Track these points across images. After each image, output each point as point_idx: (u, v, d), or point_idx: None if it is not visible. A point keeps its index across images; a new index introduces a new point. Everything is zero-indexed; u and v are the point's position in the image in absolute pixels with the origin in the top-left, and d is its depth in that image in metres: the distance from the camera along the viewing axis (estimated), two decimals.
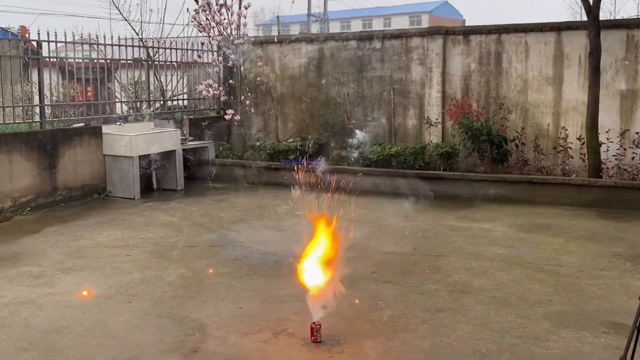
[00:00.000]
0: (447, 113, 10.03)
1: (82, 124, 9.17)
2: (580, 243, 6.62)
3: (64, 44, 9.24)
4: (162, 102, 11.17)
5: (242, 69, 11.45)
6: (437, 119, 10.17)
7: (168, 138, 9.61)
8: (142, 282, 5.46)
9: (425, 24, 55.59)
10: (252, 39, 11.48)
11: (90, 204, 8.64)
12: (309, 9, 42.23)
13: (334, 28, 56.27)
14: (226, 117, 11.08)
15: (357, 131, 10.17)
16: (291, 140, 11.06)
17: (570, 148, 9.21)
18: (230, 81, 11.47)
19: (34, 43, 8.77)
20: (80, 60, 9.51)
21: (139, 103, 10.90)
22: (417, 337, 4.30)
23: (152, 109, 10.62)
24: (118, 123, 9.58)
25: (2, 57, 8.44)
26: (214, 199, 9.04)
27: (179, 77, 11.53)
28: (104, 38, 9.75)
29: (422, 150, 9.71)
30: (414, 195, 8.62)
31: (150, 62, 10.72)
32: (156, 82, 11.02)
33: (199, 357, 4.06)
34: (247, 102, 11.24)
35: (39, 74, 8.68)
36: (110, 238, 6.92)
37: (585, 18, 8.87)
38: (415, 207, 8.30)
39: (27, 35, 10.29)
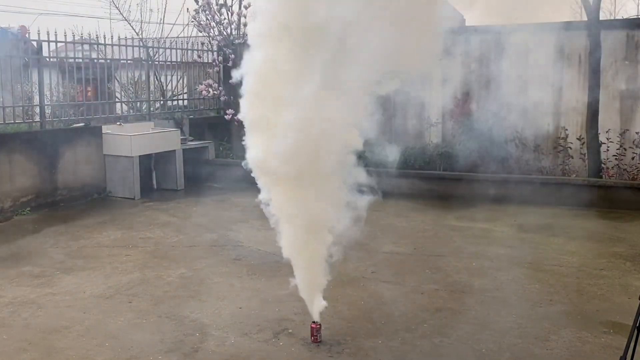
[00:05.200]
0: (447, 113, 10.01)
1: (82, 124, 9.17)
2: (580, 243, 6.62)
3: (64, 44, 9.24)
4: (162, 102, 11.17)
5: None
6: (437, 120, 10.16)
7: (168, 138, 9.61)
8: (142, 282, 5.46)
9: None
10: None
11: (90, 204, 8.64)
12: None
13: None
14: (226, 117, 11.07)
15: None
16: None
17: (570, 148, 9.20)
18: (231, 81, 11.45)
19: (34, 43, 8.77)
20: (80, 60, 9.51)
21: (139, 103, 10.90)
22: (417, 337, 4.30)
23: (152, 109, 10.62)
24: (118, 123, 9.58)
25: (2, 57, 8.44)
26: (214, 199, 9.04)
27: (179, 77, 11.52)
28: (104, 38, 9.74)
29: (422, 150, 9.70)
30: (414, 194, 8.58)
31: (150, 62, 10.72)
32: (156, 82, 11.02)
33: (199, 357, 4.06)
34: None
35: (39, 74, 8.67)
36: (110, 238, 6.92)
37: (585, 18, 8.86)
38: (415, 206, 8.30)
39: (27, 35, 10.29)
